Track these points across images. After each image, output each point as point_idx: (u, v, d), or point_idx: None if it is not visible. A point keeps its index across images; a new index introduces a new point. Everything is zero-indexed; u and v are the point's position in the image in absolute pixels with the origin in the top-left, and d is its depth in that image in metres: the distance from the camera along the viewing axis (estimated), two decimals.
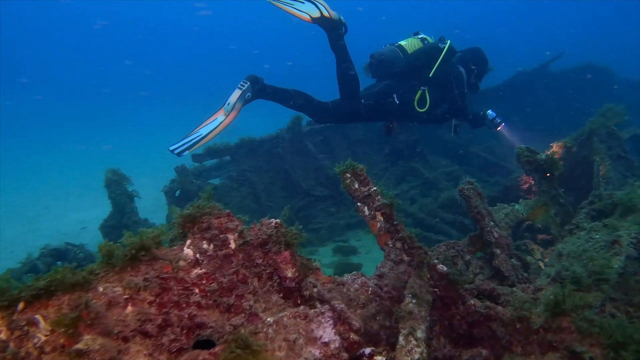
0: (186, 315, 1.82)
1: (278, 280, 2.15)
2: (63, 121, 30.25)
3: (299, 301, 2.14)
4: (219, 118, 5.00)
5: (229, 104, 4.92)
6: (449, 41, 5.57)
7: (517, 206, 3.90)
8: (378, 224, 2.77)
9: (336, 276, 2.45)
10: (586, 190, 4.97)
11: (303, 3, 5.10)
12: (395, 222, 2.75)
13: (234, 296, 1.99)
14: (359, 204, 2.81)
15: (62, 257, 5.09)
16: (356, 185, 2.83)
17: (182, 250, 1.98)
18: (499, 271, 3.08)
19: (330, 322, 2.04)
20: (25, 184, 14.78)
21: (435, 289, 2.59)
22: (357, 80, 5.35)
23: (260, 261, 2.13)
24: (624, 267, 2.78)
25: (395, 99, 5.46)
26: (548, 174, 3.85)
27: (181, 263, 1.93)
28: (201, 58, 53.38)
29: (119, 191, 6.37)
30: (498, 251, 3.11)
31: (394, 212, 2.78)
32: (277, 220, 2.19)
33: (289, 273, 2.11)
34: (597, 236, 3.19)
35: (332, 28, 5.17)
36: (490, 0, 47.50)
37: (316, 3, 5.08)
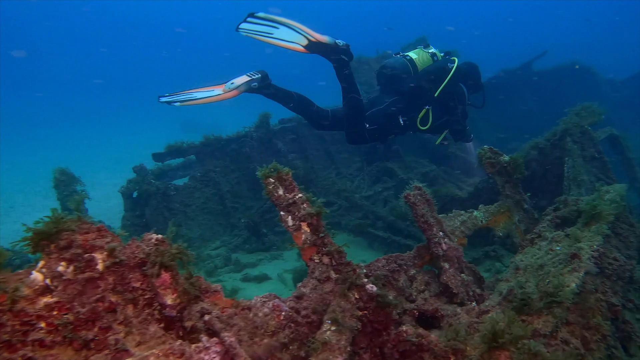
0: (19, 359, 1.46)
1: (160, 308, 1.79)
2: (43, 119, 29.64)
3: (181, 333, 1.78)
4: (216, 91, 4.88)
5: (232, 83, 4.82)
6: (456, 60, 5.43)
7: (475, 212, 3.56)
8: (303, 235, 2.42)
9: (242, 299, 2.09)
10: (559, 194, 4.67)
11: (278, 28, 4.82)
12: (322, 234, 2.40)
13: (96, 329, 1.63)
14: (282, 213, 2.45)
15: None
16: (280, 192, 2.47)
17: (29, 274, 1.61)
18: (448, 287, 2.75)
19: (217, 359, 1.68)
20: None
21: (365, 312, 2.26)
22: (362, 108, 5.23)
23: (137, 285, 1.77)
24: (582, 284, 2.45)
25: (401, 121, 5.40)
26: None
27: (24, 291, 1.56)
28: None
29: (67, 192, 5.96)
30: (446, 265, 2.77)
31: (321, 223, 2.43)
32: (159, 236, 1.83)
33: (169, 300, 1.75)
34: (558, 248, 2.87)
35: (331, 54, 4.90)
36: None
37: (291, 26, 4.79)
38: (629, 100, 11.62)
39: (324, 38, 4.85)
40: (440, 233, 2.85)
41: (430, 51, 5.52)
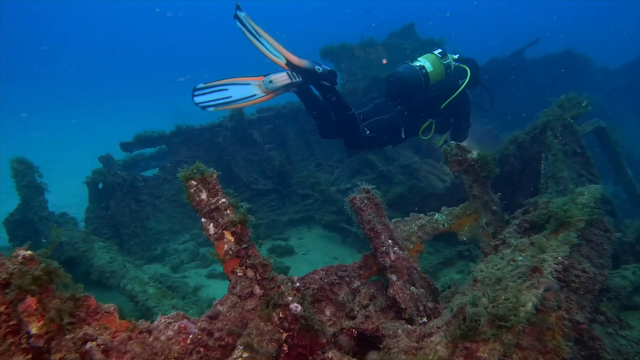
0: None
1: (28, 336, 1.51)
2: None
3: None
4: (254, 88, 4.54)
5: (271, 82, 4.51)
6: (468, 73, 5.30)
7: (437, 215, 3.28)
8: (225, 245, 2.14)
9: (142, 320, 1.81)
10: (538, 193, 4.39)
11: (261, 36, 4.55)
12: (246, 245, 2.12)
13: None
14: (203, 219, 2.17)
15: None
16: (203, 196, 2.18)
17: None
18: (395, 301, 2.47)
19: None
20: None
21: (290, 334, 1.98)
22: (356, 120, 5.02)
23: (1, 309, 1.48)
24: (541, 303, 2.18)
25: (402, 134, 5.33)
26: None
27: None
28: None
29: (24, 183, 5.66)
30: (394, 277, 2.50)
31: (246, 231, 2.15)
32: (27, 252, 1.53)
33: (33, 328, 1.46)
34: (520, 258, 2.59)
35: (310, 79, 4.65)
36: None
37: (268, 42, 4.53)
38: (623, 89, 11.29)
39: (302, 62, 4.58)
40: (389, 241, 2.57)
41: (445, 62, 5.31)
